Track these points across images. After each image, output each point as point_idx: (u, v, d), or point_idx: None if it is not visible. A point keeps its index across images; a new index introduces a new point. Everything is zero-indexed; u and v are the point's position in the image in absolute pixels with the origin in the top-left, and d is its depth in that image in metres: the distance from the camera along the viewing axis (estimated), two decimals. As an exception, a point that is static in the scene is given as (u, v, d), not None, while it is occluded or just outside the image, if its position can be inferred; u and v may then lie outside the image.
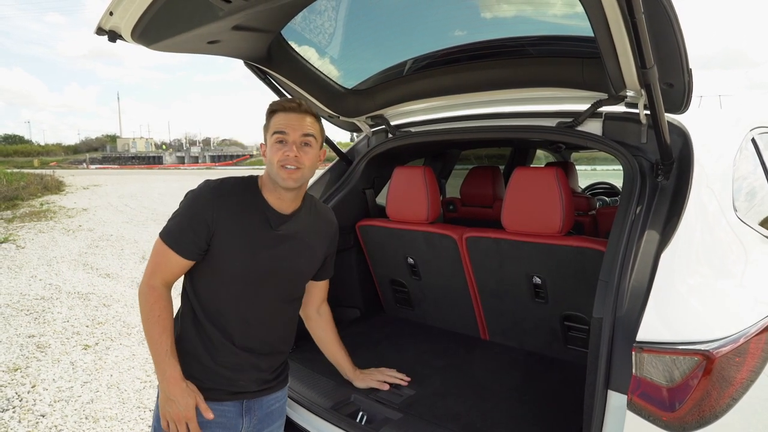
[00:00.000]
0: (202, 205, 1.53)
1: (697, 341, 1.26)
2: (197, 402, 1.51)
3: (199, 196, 1.55)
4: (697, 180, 1.63)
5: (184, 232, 1.51)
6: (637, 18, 1.18)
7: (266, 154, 1.59)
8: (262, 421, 1.68)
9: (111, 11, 1.55)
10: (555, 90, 2.00)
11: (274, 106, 1.60)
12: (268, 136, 1.58)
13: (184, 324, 1.61)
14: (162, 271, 1.54)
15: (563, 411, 1.91)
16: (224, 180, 1.61)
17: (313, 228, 1.72)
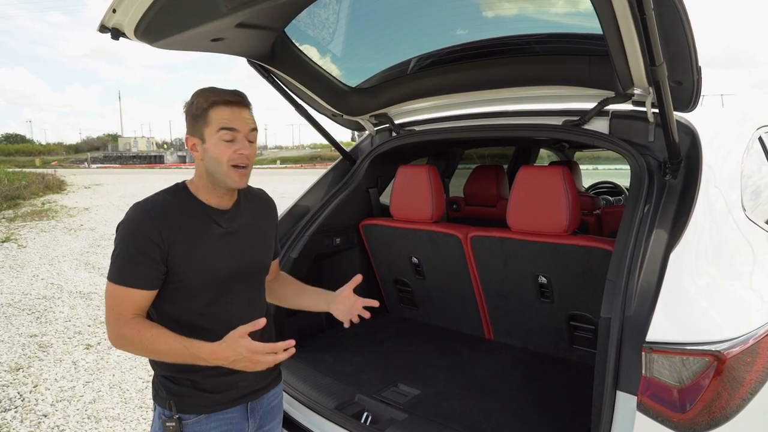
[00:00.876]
0: (146, 229, 1.39)
1: (707, 342, 1.25)
2: (242, 335, 1.37)
3: (138, 223, 1.41)
4: (706, 179, 1.62)
5: (138, 264, 1.38)
6: (647, 14, 1.16)
7: (204, 153, 1.44)
8: (264, 420, 1.68)
9: (114, 8, 1.54)
10: (561, 88, 1.98)
11: (212, 98, 1.42)
12: (207, 131, 1.42)
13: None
14: (125, 313, 1.40)
15: (569, 411, 1.90)
16: (154, 198, 1.48)
17: (257, 213, 1.66)
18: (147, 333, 1.38)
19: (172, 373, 1.50)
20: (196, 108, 1.42)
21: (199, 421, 1.50)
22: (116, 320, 1.39)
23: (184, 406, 1.49)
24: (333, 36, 2.14)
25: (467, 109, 2.38)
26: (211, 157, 1.43)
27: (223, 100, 1.43)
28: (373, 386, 2.06)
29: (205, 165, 1.45)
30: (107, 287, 1.40)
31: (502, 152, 4.98)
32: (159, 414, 1.52)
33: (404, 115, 2.60)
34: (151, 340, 1.38)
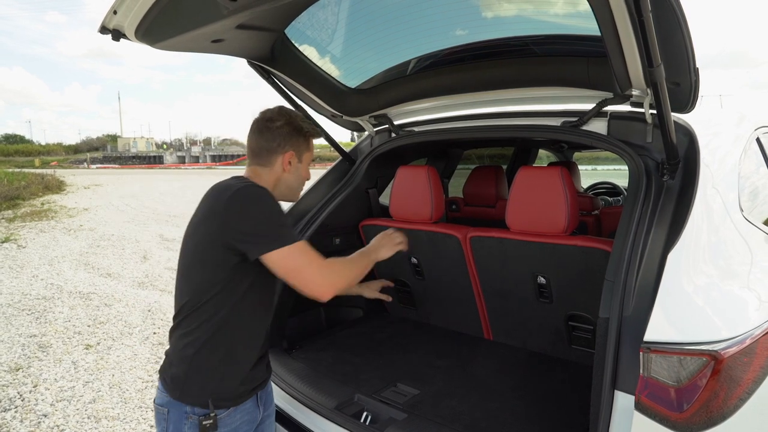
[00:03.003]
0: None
1: (705, 341, 1.26)
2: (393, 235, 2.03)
3: (272, 197, 1.57)
4: (703, 179, 1.63)
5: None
6: (644, 16, 1.17)
7: (294, 170, 1.72)
8: (266, 406, 1.76)
9: (115, 10, 1.55)
10: (560, 89, 1.99)
11: (312, 131, 1.76)
12: (306, 156, 1.75)
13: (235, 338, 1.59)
14: (319, 257, 1.58)
15: (568, 411, 1.90)
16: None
17: None
18: (345, 261, 1.74)
19: (208, 368, 1.55)
20: (305, 132, 1.73)
21: (229, 414, 1.58)
22: (320, 267, 1.58)
23: (218, 401, 1.56)
24: (333, 37, 2.15)
25: (466, 110, 2.39)
26: (297, 175, 1.75)
27: (316, 133, 1.80)
28: (373, 386, 2.07)
29: (286, 178, 1.72)
30: (296, 248, 1.52)
31: (501, 153, 4.99)
32: (186, 414, 1.53)
33: (404, 115, 2.61)
34: (351, 264, 1.76)
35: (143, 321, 5.22)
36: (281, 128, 1.68)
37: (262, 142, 1.69)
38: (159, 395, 1.61)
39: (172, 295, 5.61)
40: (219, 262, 1.51)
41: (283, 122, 1.69)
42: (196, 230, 1.57)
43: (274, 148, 1.68)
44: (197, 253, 1.55)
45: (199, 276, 1.54)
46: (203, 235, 1.54)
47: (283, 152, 1.68)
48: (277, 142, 1.68)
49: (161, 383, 1.60)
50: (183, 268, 1.60)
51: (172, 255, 8.41)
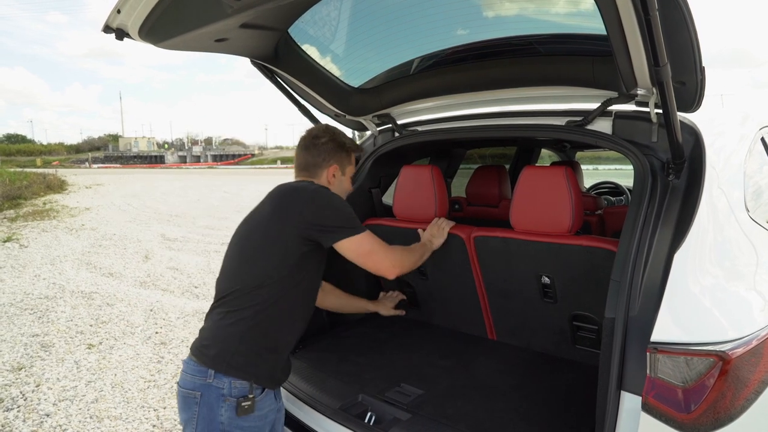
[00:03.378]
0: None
1: (712, 342, 1.25)
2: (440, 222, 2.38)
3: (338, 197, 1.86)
4: (709, 179, 1.62)
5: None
6: (651, 15, 1.16)
7: (337, 182, 1.97)
8: (280, 402, 1.84)
9: (119, 9, 1.55)
10: (564, 88, 1.98)
11: (353, 146, 2.03)
12: (348, 170, 2.02)
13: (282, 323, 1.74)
14: (384, 244, 1.89)
15: (573, 411, 1.90)
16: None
17: None
18: (405, 248, 2.08)
19: (255, 350, 1.65)
20: (347, 148, 1.99)
21: (264, 398, 1.67)
22: (387, 250, 1.90)
23: (258, 382, 1.66)
24: (336, 36, 2.14)
25: (470, 110, 2.38)
26: (342, 187, 2.00)
27: (357, 149, 2.07)
28: (377, 386, 2.07)
29: (333, 188, 1.91)
30: (367, 235, 1.81)
31: (504, 152, 4.98)
32: (223, 396, 1.59)
33: (407, 115, 2.60)
34: (411, 251, 2.09)
35: (145, 321, 5.22)
36: (326, 144, 1.92)
37: (309, 158, 1.92)
38: (188, 379, 1.63)
39: (173, 295, 5.65)
40: (289, 252, 1.69)
41: (327, 138, 1.93)
42: (266, 224, 1.75)
43: (320, 162, 1.92)
44: (266, 244, 1.71)
45: (263, 264, 1.69)
46: (277, 229, 1.72)
47: (327, 166, 1.92)
48: (322, 157, 1.92)
49: (194, 363, 1.64)
50: (242, 256, 1.77)
51: (174, 254, 8.42)
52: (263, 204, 1.84)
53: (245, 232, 1.81)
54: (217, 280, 1.81)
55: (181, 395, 1.64)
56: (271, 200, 1.81)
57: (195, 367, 1.63)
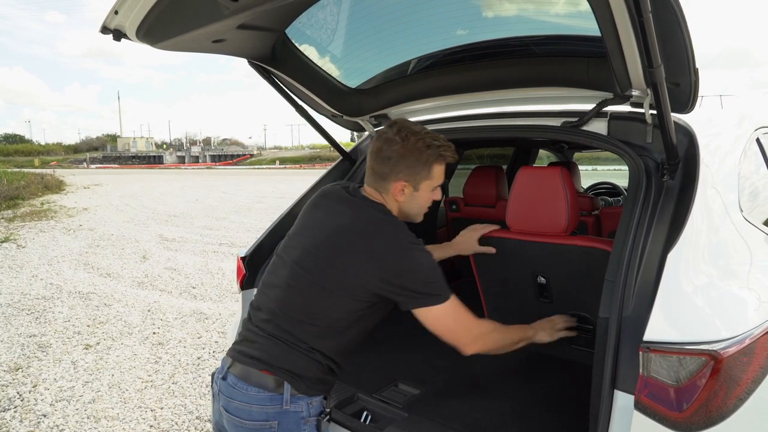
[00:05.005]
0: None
1: (704, 341, 1.26)
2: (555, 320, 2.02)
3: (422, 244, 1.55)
4: (703, 180, 1.63)
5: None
6: (644, 17, 1.17)
7: (411, 199, 1.62)
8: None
9: (116, 10, 1.55)
10: (560, 89, 1.99)
11: (442, 152, 1.60)
12: (425, 184, 1.61)
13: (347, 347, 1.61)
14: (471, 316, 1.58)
15: (568, 411, 1.91)
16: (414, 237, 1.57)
17: None
18: (499, 328, 1.70)
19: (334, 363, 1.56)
20: (425, 158, 1.57)
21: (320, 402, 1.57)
22: (470, 327, 1.58)
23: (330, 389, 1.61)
24: (333, 37, 2.15)
25: (467, 110, 2.39)
26: (418, 204, 1.65)
27: (448, 158, 1.62)
28: (373, 385, 2.07)
29: (404, 206, 1.63)
30: (451, 305, 1.51)
31: (501, 153, 4.99)
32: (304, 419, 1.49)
33: (404, 116, 2.60)
34: (503, 333, 1.71)
35: (143, 321, 5.22)
36: (397, 151, 1.56)
37: (377, 166, 1.60)
38: (257, 411, 1.47)
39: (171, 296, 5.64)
40: (357, 306, 1.51)
41: (399, 144, 1.56)
42: (335, 266, 1.51)
43: (386, 174, 1.59)
44: (331, 282, 1.50)
45: (326, 303, 1.51)
46: (350, 278, 1.49)
47: (394, 180, 1.59)
48: (389, 168, 1.58)
49: (260, 390, 1.47)
50: (301, 287, 1.54)
51: (172, 255, 8.42)
52: (323, 220, 1.60)
53: (303, 258, 1.57)
54: (265, 293, 1.63)
55: (249, 429, 1.48)
56: (340, 232, 1.54)
57: (264, 395, 1.47)
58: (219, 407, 1.58)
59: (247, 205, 15.83)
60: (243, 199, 17.74)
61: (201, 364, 4.18)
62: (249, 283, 2.33)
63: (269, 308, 1.57)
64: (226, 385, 1.54)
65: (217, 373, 1.63)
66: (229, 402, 1.51)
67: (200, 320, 5.22)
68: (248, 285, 2.33)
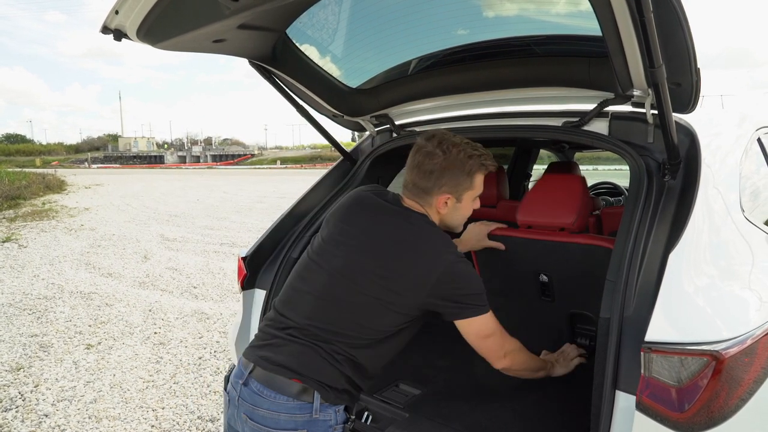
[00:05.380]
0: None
1: (706, 342, 1.26)
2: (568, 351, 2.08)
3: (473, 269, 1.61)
4: (704, 180, 1.63)
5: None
6: (646, 17, 1.17)
7: (454, 210, 1.65)
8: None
9: (117, 10, 1.55)
10: (561, 89, 1.99)
11: (483, 161, 1.63)
12: (467, 195, 1.65)
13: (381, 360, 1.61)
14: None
15: (569, 411, 1.90)
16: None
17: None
18: (525, 351, 1.76)
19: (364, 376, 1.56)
20: (468, 169, 1.59)
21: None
22: (504, 338, 1.67)
23: (357, 397, 1.59)
24: (334, 37, 2.15)
25: (468, 110, 2.39)
26: (460, 215, 1.68)
27: (489, 167, 1.65)
28: (374, 386, 2.07)
29: (446, 217, 1.66)
30: (489, 317, 1.61)
31: (502, 152, 4.98)
32: (332, 427, 1.47)
33: (405, 115, 2.61)
34: (528, 357, 1.79)
35: (144, 321, 5.22)
36: (438, 164, 1.57)
37: (417, 179, 1.61)
38: (284, 419, 1.43)
39: (173, 296, 5.63)
40: (401, 318, 1.53)
41: (441, 157, 1.57)
42: (380, 278, 1.51)
43: (429, 187, 1.59)
44: (379, 293, 1.50)
45: (369, 314, 1.51)
46: (394, 281, 1.50)
47: (438, 194, 1.60)
48: (432, 181, 1.59)
49: (288, 399, 1.44)
50: (339, 296, 1.53)
51: (173, 255, 8.42)
52: (364, 228, 1.59)
53: (348, 267, 1.55)
54: (296, 298, 1.60)
55: None
56: (390, 244, 1.54)
57: (294, 404, 1.43)
58: (237, 413, 1.52)
59: (248, 205, 15.84)
60: (244, 199, 17.75)
61: (202, 364, 4.18)
62: (250, 284, 2.33)
63: (302, 314, 1.54)
64: (249, 392, 1.49)
65: (235, 377, 1.56)
66: (254, 410, 1.47)
67: (201, 320, 5.23)
68: (249, 285, 2.33)
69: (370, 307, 1.50)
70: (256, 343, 1.61)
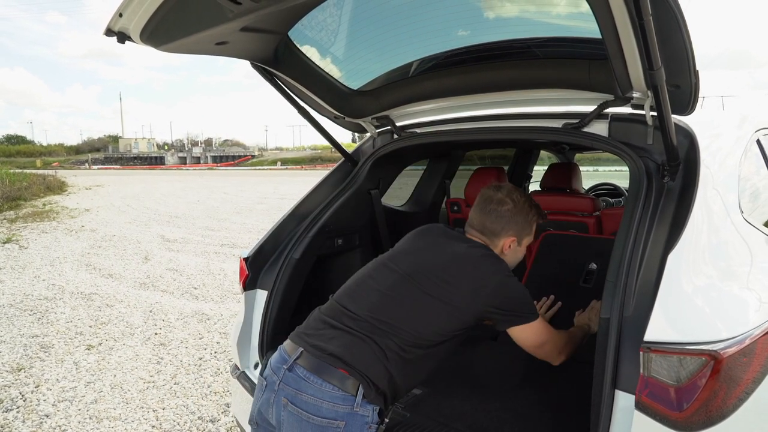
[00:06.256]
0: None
1: (704, 341, 1.27)
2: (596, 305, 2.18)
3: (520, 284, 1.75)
4: (704, 181, 1.64)
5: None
6: (645, 20, 1.18)
7: (513, 252, 1.85)
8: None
9: (120, 12, 1.56)
10: (561, 91, 2.00)
11: (542, 215, 1.91)
12: (526, 240, 1.87)
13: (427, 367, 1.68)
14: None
15: (569, 410, 1.91)
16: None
17: None
18: (570, 336, 1.89)
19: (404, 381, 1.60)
20: (531, 218, 1.85)
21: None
22: (557, 339, 1.79)
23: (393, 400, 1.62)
24: (335, 39, 2.16)
25: (469, 112, 2.40)
26: (517, 257, 1.88)
27: (543, 217, 1.93)
28: None
29: (507, 257, 1.82)
30: (540, 323, 1.73)
31: (502, 154, 5.00)
32: (368, 423, 1.49)
33: (406, 117, 2.62)
34: (573, 339, 1.89)
35: (144, 322, 5.23)
36: (508, 212, 1.81)
37: (487, 222, 1.82)
38: (328, 408, 1.47)
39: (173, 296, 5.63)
40: (459, 325, 1.63)
41: (510, 206, 1.81)
42: (449, 287, 1.63)
43: (498, 231, 1.81)
44: (444, 297, 1.62)
45: (429, 316, 1.61)
46: (459, 301, 1.62)
47: (506, 236, 1.81)
48: (501, 226, 1.80)
49: (334, 388, 1.48)
50: (407, 299, 1.64)
51: (174, 256, 8.43)
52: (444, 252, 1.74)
53: (418, 273, 1.68)
54: (358, 293, 1.70)
55: (315, 425, 1.46)
56: (456, 258, 1.71)
57: (338, 394, 1.47)
58: (275, 398, 1.54)
59: (249, 206, 15.85)
60: (244, 200, 17.76)
61: (203, 365, 4.19)
62: (252, 284, 2.34)
63: (365, 306, 1.62)
64: (293, 377, 1.52)
65: (277, 362, 1.59)
66: (296, 394, 1.50)
67: (202, 321, 5.23)
68: (251, 286, 2.34)
69: (431, 307, 1.61)
70: (306, 330, 1.65)
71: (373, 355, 1.52)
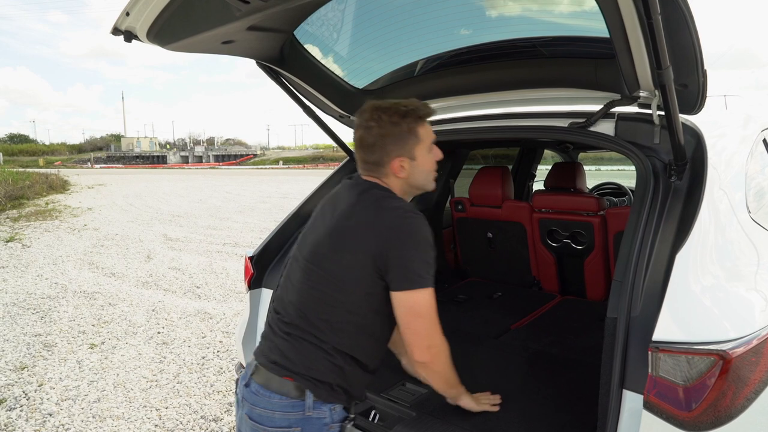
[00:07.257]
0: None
1: (713, 341, 1.27)
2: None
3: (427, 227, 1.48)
4: (711, 180, 1.64)
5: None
6: (653, 18, 1.18)
7: (413, 169, 1.55)
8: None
9: (128, 12, 1.57)
10: (568, 90, 2.00)
11: (419, 112, 1.54)
12: (421, 147, 1.54)
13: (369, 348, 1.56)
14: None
15: (575, 410, 1.91)
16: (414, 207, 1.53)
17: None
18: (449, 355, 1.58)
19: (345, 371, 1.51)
20: (406, 128, 1.52)
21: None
22: (436, 324, 1.47)
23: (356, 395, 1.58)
24: (340, 38, 2.16)
25: (474, 111, 2.40)
26: (422, 170, 1.58)
27: (427, 115, 1.56)
28: (381, 385, 2.08)
29: (410, 179, 1.57)
30: (426, 294, 1.42)
31: (506, 153, 4.99)
32: (327, 425, 1.48)
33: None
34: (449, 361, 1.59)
35: (147, 320, 5.24)
36: (377, 134, 1.52)
37: (366, 155, 1.56)
38: (279, 417, 1.45)
39: (176, 295, 5.64)
40: (363, 285, 1.46)
41: (376, 126, 1.52)
42: (346, 242, 1.47)
43: (378, 159, 1.54)
44: (338, 269, 1.47)
45: (339, 295, 1.48)
46: (347, 251, 1.46)
47: (389, 161, 1.53)
48: (378, 154, 1.53)
49: (282, 397, 1.46)
50: (312, 278, 1.51)
51: (176, 254, 8.44)
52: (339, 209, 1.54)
53: (312, 253, 1.55)
54: (283, 295, 1.62)
55: None
56: (340, 216, 1.52)
57: (286, 402, 1.45)
58: (242, 414, 1.55)
59: (251, 205, 15.85)
60: (247, 199, 17.77)
61: (205, 364, 4.19)
62: (257, 283, 2.35)
63: (289, 310, 1.55)
64: (249, 392, 1.53)
65: (241, 379, 1.60)
66: (252, 409, 1.50)
67: (204, 320, 5.24)
68: (256, 284, 2.35)
69: (337, 285, 1.47)
70: (261, 342, 1.65)
71: (314, 353, 1.47)
